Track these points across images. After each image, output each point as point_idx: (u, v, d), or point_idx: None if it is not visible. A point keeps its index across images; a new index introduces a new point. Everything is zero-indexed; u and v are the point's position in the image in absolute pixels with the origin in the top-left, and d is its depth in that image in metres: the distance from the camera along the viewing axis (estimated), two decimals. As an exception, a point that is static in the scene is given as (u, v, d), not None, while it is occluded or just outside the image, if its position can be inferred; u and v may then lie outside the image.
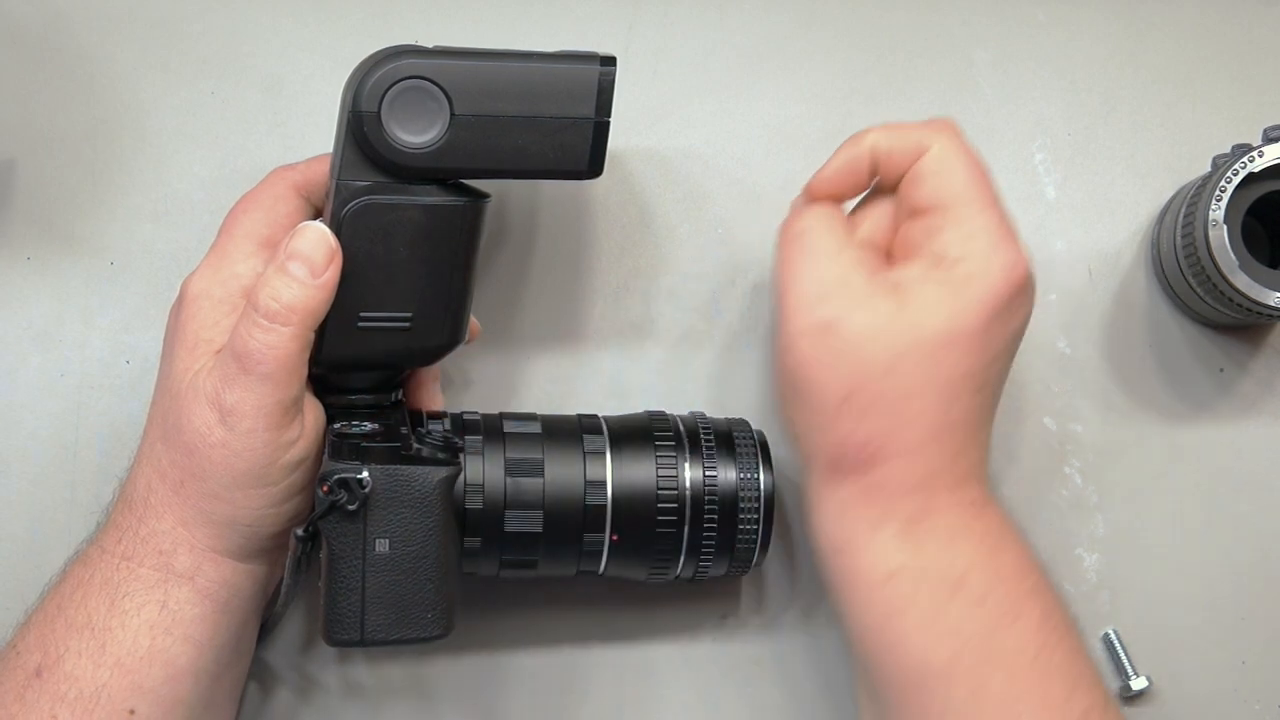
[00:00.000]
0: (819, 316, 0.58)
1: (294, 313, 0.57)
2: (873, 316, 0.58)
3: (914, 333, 0.57)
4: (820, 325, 0.58)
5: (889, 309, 0.58)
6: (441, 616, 0.59)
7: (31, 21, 0.71)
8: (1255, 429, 0.72)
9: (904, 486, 0.58)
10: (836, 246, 0.60)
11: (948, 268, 0.58)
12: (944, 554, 0.58)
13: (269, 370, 0.57)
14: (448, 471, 0.59)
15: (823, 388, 0.58)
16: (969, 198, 0.59)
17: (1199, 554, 0.71)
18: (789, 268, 0.60)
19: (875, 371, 0.57)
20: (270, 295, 0.57)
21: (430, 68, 0.57)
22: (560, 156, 0.59)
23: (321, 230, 0.59)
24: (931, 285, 0.58)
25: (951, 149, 0.60)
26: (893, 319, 0.58)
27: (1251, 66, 0.73)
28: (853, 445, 0.58)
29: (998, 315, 0.58)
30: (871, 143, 0.61)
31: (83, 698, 0.57)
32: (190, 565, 0.59)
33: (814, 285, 0.59)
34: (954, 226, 0.59)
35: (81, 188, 0.71)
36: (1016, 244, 0.59)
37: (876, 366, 0.57)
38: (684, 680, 0.70)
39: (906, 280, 0.59)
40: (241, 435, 0.57)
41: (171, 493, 0.59)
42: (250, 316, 0.57)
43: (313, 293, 0.58)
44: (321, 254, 0.58)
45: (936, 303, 0.58)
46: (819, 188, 0.63)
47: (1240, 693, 0.70)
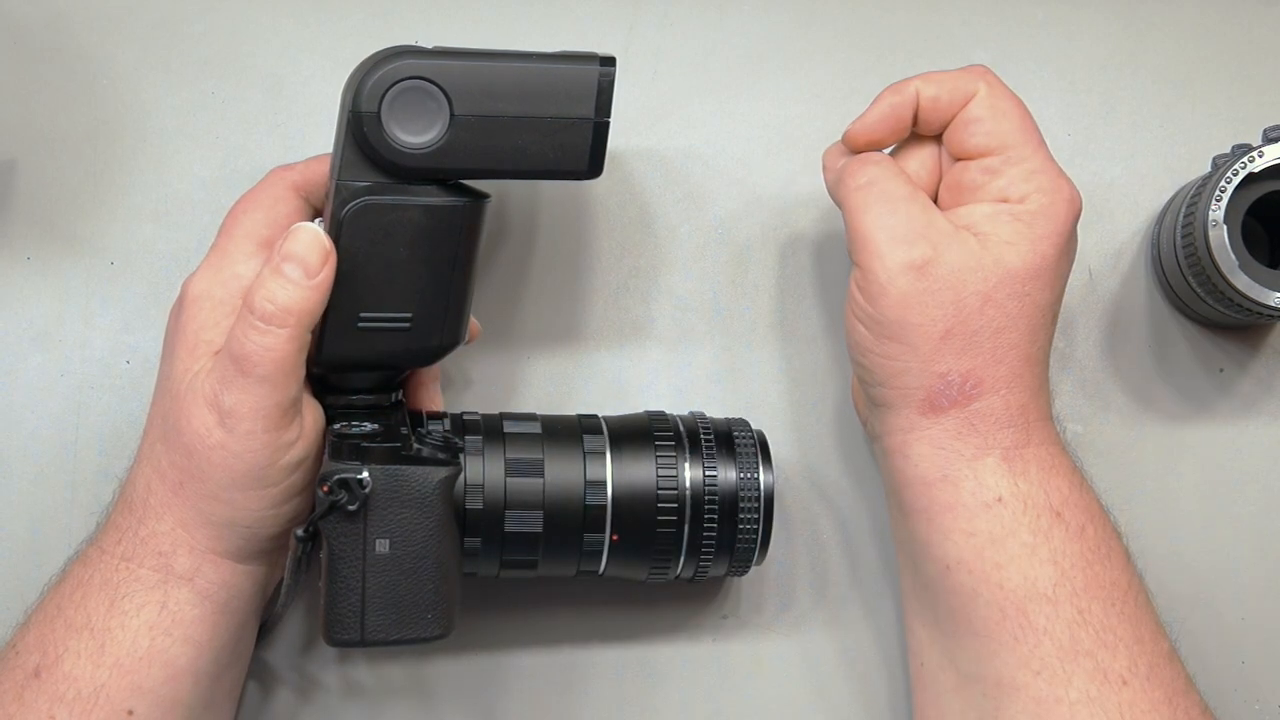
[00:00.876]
0: (915, 256, 0.59)
1: (289, 314, 0.57)
2: (964, 254, 0.59)
3: (1001, 268, 0.59)
4: (917, 264, 0.59)
5: (976, 245, 0.59)
6: (442, 617, 0.59)
7: (32, 21, 0.71)
8: (1255, 429, 0.72)
9: (1002, 418, 0.60)
10: (910, 191, 0.62)
11: (1017, 205, 0.60)
12: (1043, 484, 0.60)
13: (266, 372, 0.57)
14: (448, 472, 0.59)
15: (922, 326, 0.59)
16: (1023, 138, 0.61)
17: (1199, 554, 0.71)
18: (868, 214, 0.61)
19: (971, 307, 0.59)
20: (265, 297, 0.57)
21: (430, 68, 0.57)
22: (560, 157, 0.59)
23: (315, 231, 0.59)
24: (1005, 223, 0.60)
25: (998, 92, 0.62)
26: (980, 256, 0.59)
27: (1251, 66, 0.73)
28: (955, 379, 0.59)
29: (1066, 247, 0.61)
30: (916, 89, 0.63)
31: (81, 698, 0.57)
32: (190, 566, 0.59)
33: (903, 226, 0.60)
34: (1014, 165, 0.61)
35: (82, 188, 0.71)
36: (1066, 177, 0.62)
37: (972, 302, 0.59)
38: (684, 680, 0.70)
39: (979, 219, 0.60)
40: (240, 437, 0.57)
41: (171, 494, 0.59)
42: (246, 319, 0.57)
43: (307, 294, 0.58)
44: (315, 255, 0.58)
45: (1015, 239, 0.60)
46: (860, 134, 0.64)
47: (1240, 693, 0.70)
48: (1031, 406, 0.61)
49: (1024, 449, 0.60)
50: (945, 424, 0.60)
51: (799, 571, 0.70)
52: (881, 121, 0.63)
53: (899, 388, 0.61)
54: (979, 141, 0.62)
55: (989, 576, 0.59)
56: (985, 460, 0.60)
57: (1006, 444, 0.60)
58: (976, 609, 0.60)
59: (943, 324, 0.59)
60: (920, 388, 0.60)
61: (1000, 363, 0.60)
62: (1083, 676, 0.58)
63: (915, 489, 0.61)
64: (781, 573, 0.70)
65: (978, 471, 0.60)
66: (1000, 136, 0.61)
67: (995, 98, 0.62)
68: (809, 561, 0.71)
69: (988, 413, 0.60)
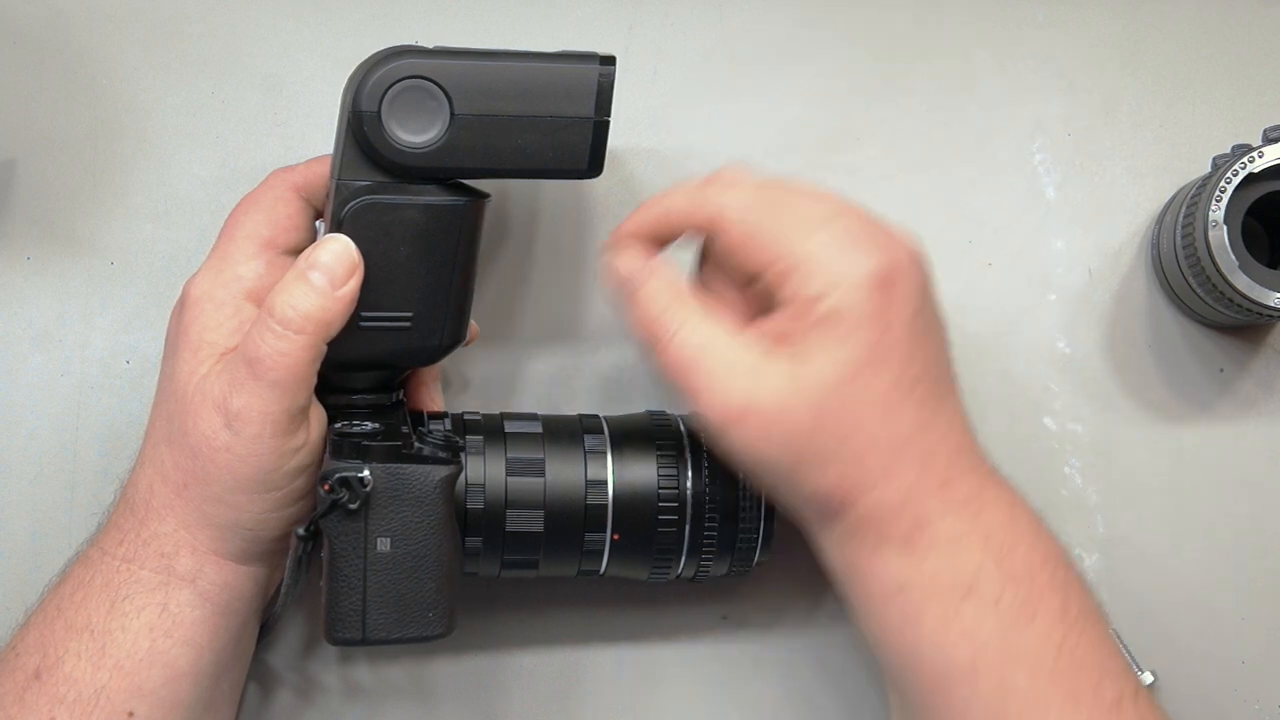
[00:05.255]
0: (731, 409, 0.57)
1: (310, 321, 0.57)
2: (777, 386, 0.56)
3: (820, 382, 0.56)
4: (736, 416, 0.57)
5: (787, 371, 0.57)
6: (443, 615, 0.59)
7: (32, 21, 0.71)
8: (1255, 429, 0.72)
9: (889, 510, 0.57)
10: (707, 334, 0.58)
11: (811, 309, 0.57)
12: (949, 561, 0.57)
13: (278, 377, 0.57)
14: (449, 470, 0.59)
15: (770, 463, 0.58)
16: (787, 238, 0.58)
17: (1199, 554, 0.71)
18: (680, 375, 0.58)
19: (805, 430, 0.56)
20: (288, 302, 0.57)
21: (430, 67, 0.57)
22: (560, 156, 0.59)
23: (346, 243, 0.59)
24: (808, 332, 0.57)
25: (738, 206, 0.59)
26: (795, 378, 0.56)
27: (1251, 66, 0.73)
28: (824, 497, 0.58)
29: (883, 319, 0.57)
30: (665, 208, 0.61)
31: (82, 700, 0.57)
32: (192, 568, 0.59)
33: (712, 382, 0.57)
34: (791, 270, 0.57)
35: (82, 188, 0.71)
36: (860, 240, 0.58)
37: (804, 425, 0.56)
38: (685, 680, 0.70)
39: (784, 334, 0.57)
40: (247, 441, 0.57)
41: (174, 495, 0.59)
42: (265, 322, 0.57)
43: (331, 304, 0.58)
44: (343, 266, 0.58)
45: (822, 347, 0.56)
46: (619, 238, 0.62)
47: (1240, 693, 0.70)
48: (919, 485, 0.57)
49: (922, 531, 0.57)
50: (839, 529, 0.58)
51: (800, 572, 0.70)
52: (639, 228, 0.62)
53: (785, 507, 0.61)
54: (749, 261, 0.59)
55: (907, 658, 0.58)
56: (884, 552, 0.57)
57: (902, 532, 0.57)
58: (905, 685, 0.59)
59: (788, 456, 0.57)
60: (803, 507, 0.59)
61: (863, 461, 0.57)
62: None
63: (837, 580, 0.61)
64: (782, 573, 0.70)
65: (878, 564, 0.58)
66: (763, 250, 0.58)
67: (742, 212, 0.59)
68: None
69: (871, 511, 0.57)
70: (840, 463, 0.57)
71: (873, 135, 0.73)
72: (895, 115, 0.73)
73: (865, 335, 0.56)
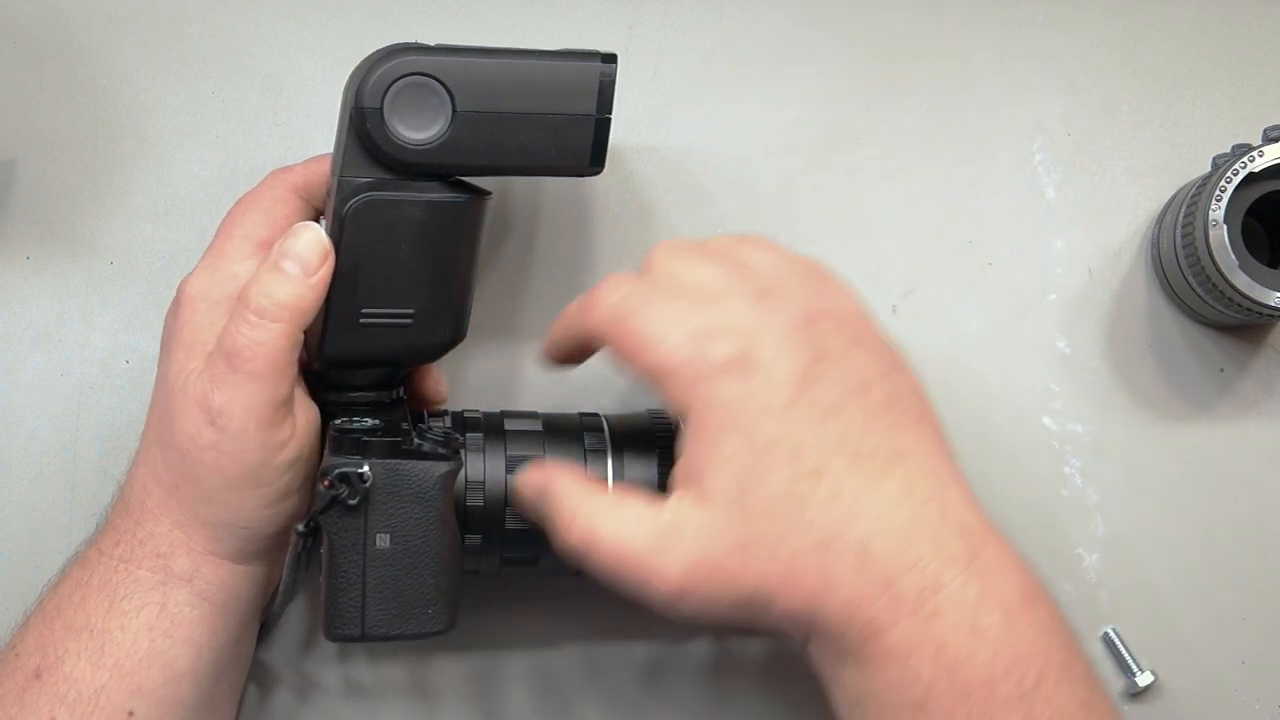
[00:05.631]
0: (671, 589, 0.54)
1: (285, 310, 0.57)
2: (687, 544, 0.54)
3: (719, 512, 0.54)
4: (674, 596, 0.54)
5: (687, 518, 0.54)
6: (443, 612, 0.59)
7: (32, 21, 0.71)
8: (1255, 429, 0.72)
9: (837, 625, 0.53)
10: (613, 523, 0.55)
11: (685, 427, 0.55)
12: (900, 676, 0.53)
13: (257, 368, 0.57)
14: (448, 466, 0.59)
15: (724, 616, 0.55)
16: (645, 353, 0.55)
17: (1199, 554, 0.71)
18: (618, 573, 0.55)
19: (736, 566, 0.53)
20: (261, 292, 0.57)
21: (433, 64, 0.58)
22: (562, 153, 0.59)
23: (315, 230, 0.59)
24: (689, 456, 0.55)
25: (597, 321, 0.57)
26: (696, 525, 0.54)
27: (1251, 66, 0.73)
28: (781, 627, 0.55)
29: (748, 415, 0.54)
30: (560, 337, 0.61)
31: (82, 699, 0.57)
32: (188, 568, 0.59)
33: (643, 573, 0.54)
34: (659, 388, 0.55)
35: (81, 188, 0.71)
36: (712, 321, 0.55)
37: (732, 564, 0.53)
38: (684, 679, 0.70)
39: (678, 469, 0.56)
40: (231, 436, 0.57)
41: (166, 495, 0.59)
42: (240, 314, 0.57)
43: (304, 291, 0.58)
44: (315, 253, 0.58)
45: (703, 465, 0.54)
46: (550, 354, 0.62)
47: (1240, 693, 0.70)
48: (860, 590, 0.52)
49: (874, 642, 0.53)
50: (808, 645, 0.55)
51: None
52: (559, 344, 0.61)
53: None
54: None
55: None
56: (843, 663, 0.54)
57: (854, 644, 0.53)
58: None
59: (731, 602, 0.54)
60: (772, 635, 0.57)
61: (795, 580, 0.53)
62: None
63: None
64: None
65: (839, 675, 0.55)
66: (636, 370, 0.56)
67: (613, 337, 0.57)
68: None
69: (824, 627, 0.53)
70: (778, 588, 0.53)
71: (873, 135, 0.73)
72: (895, 115, 0.73)
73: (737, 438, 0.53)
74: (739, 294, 0.56)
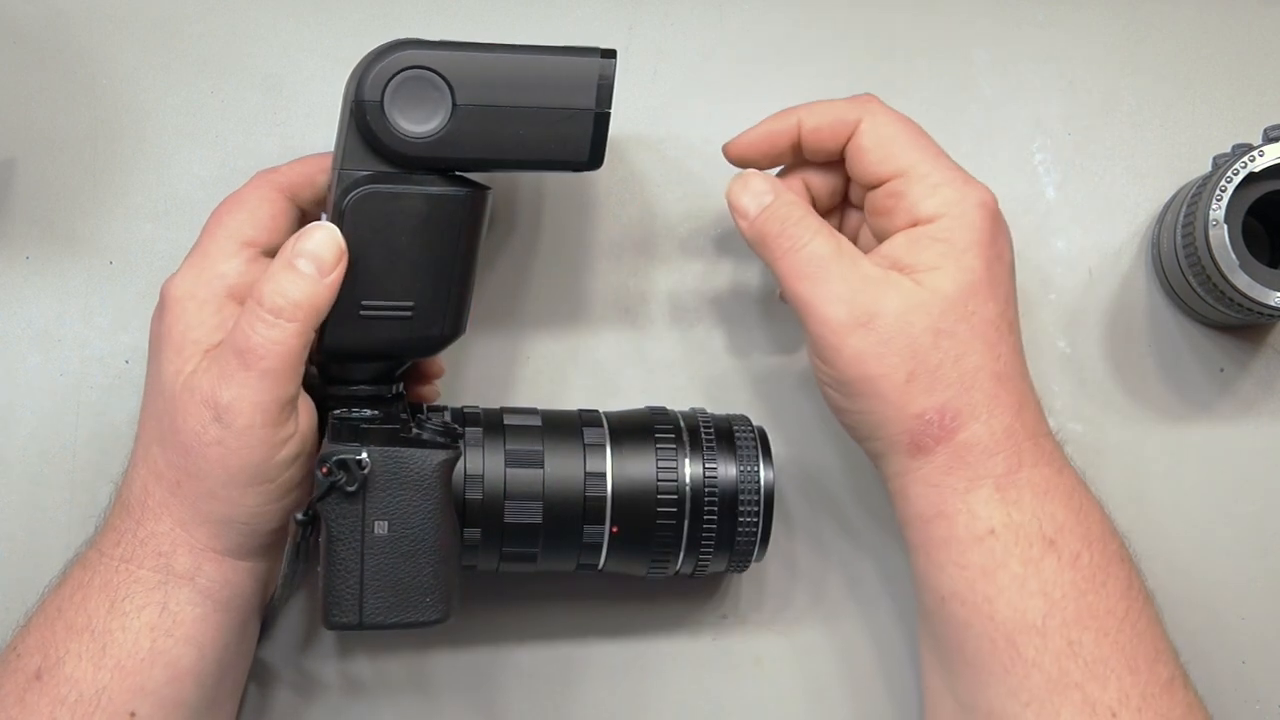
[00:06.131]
0: (856, 313, 0.60)
1: (300, 309, 0.57)
2: (902, 297, 0.60)
3: (939, 297, 0.59)
4: (860, 320, 0.59)
5: (909, 284, 0.60)
6: (440, 601, 0.59)
7: (31, 21, 0.71)
8: (1255, 429, 0.72)
9: (989, 446, 0.59)
10: (835, 245, 0.61)
11: (930, 226, 0.61)
12: (1037, 512, 0.59)
13: (270, 366, 0.57)
14: (447, 455, 0.59)
15: (885, 377, 0.59)
16: (917, 156, 0.62)
17: (1199, 554, 0.71)
18: (802, 282, 0.61)
19: (925, 345, 0.59)
20: (277, 291, 0.57)
21: (433, 58, 0.58)
22: (561, 147, 0.59)
23: (331, 230, 0.59)
24: (926, 247, 0.61)
25: (881, 119, 0.63)
26: (916, 292, 0.60)
27: (1251, 66, 0.73)
28: (931, 418, 0.59)
29: (993, 250, 0.61)
30: (799, 119, 0.64)
31: (83, 700, 0.57)
32: (190, 566, 0.59)
33: (838, 287, 0.60)
34: (915, 185, 0.62)
35: (81, 188, 0.71)
36: (973, 179, 0.62)
37: (924, 340, 0.59)
38: (683, 677, 0.70)
39: (901, 252, 0.61)
40: (238, 432, 0.57)
41: (168, 494, 0.59)
42: (255, 312, 0.57)
43: (319, 290, 0.58)
44: (330, 252, 0.58)
45: (940, 262, 0.60)
46: (736, 150, 0.65)
47: (1240, 693, 0.70)
48: (1017, 427, 0.60)
49: (1016, 474, 0.60)
50: (935, 461, 0.60)
51: (799, 569, 0.70)
52: (761, 140, 0.65)
53: (882, 438, 0.61)
54: (874, 170, 0.63)
55: (980, 609, 0.59)
56: (978, 491, 0.59)
57: (998, 472, 0.60)
58: (969, 640, 0.59)
59: (903, 370, 0.59)
60: (902, 433, 0.60)
61: (971, 389, 0.60)
62: (1070, 709, 0.57)
63: (914, 526, 0.62)
64: (781, 570, 0.70)
65: (970, 504, 0.59)
66: (892, 161, 0.62)
67: (878, 125, 0.63)
68: (809, 559, 0.70)
69: (973, 443, 0.59)
70: (950, 384, 0.59)
71: (872, 135, 0.73)
72: (895, 115, 0.73)
73: (980, 259, 0.60)
74: None
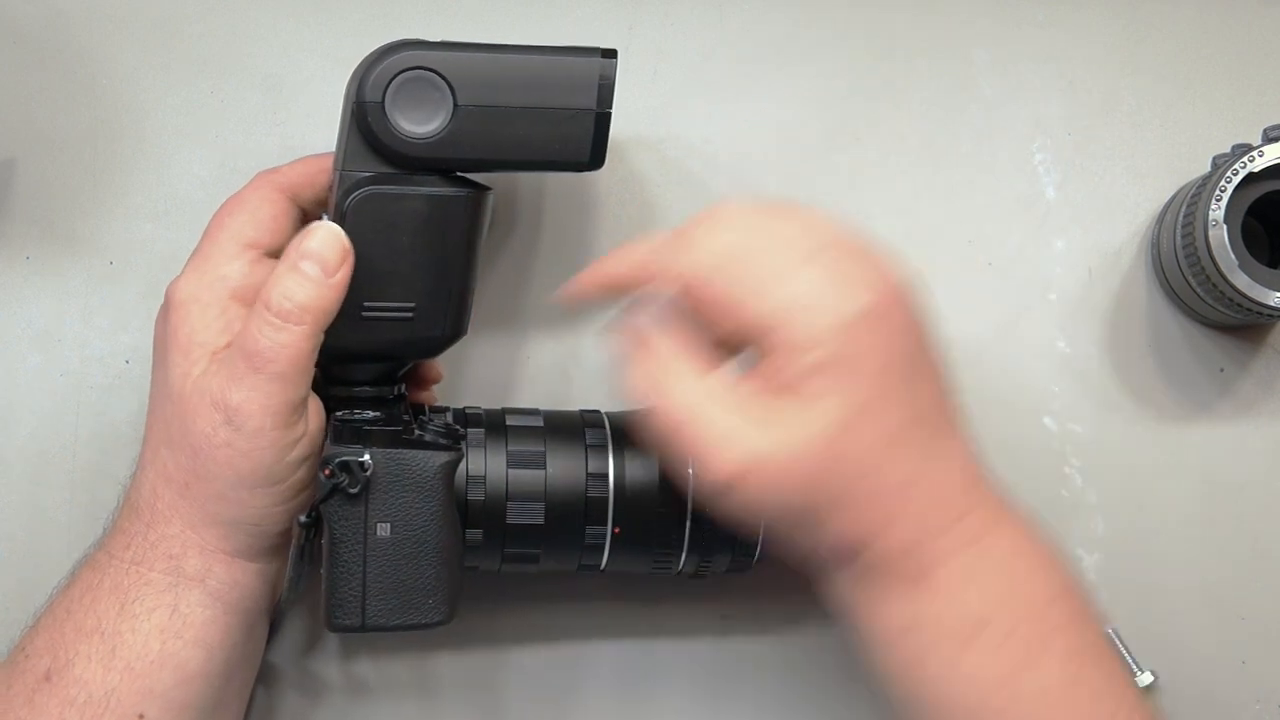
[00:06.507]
0: (732, 470, 0.55)
1: (307, 312, 0.57)
2: (783, 437, 0.54)
3: (826, 428, 0.54)
4: (739, 476, 0.55)
5: (791, 421, 0.54)
6: (443, 603, 0.59)
7: (31, 21, 0.71)
8: (1255, 429, 0.72)
9: (900, 553, 0.56)
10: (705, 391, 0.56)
11: (803, 357, 0.54)
12: (957, 600, 0.56)
13: (280, 369, 0.57)
14: (449, 456, 0.59)
15: (781, 515, 0.57)
16: (763, 293, 0.55)
17: (1199, 554, 0.71)
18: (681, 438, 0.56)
19: (815, 477, 0.55)
20: (283, 294, 0.57)
21: (434, 59, 0.58)
22: (562, 147, 0.59)
23: (334, 230, 0.59)
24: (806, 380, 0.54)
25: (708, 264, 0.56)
26: (800, 427, 0.54)
27: (1251, 66, 0.73)
28: (837, 543, 0.57)
29: (881, 358, 0.55)
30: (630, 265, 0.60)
31: (92, 702, 0.57)
32: (201, 568, 0.59)
33: (715, 441, 0.55)
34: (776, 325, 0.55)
35: (81, 188, 0.71)
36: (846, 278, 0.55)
37: (814, 473, 0.55)
38: (685, 678, 0.70)
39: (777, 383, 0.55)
40: (248, 435, 0.57)
41: (178, 496, 0.59)
42: (262, 315, 0.57)
43: (325, 291, 0.58)
44: (335, 253, 0.58)
45: (823, 393, 0.54)
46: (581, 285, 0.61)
47: (1240, 692, 0.70)
48: (930, 523, 0.56)
49: (932, 571, 0.56)
50: (851, 572, 0.57)
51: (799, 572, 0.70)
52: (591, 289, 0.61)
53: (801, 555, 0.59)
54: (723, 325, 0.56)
55: (919, 695, 0.57)
56: (893, 592, 0.57)
57: (911, 573, 0.56)
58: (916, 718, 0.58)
59: (794, 511, 0.56)
60: (813, 554, 0.58)
61: (872, 506, 0.55)
62: None
63: (847, 615, 0.59)
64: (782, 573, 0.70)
65: (889, 604, 0.57)
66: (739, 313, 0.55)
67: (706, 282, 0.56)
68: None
69: (882, 555, 0.56)
70: (851, 508, 0.55)
71: (873, 135, 0.73)
72: (895, 115, 0.73)
73: (865, 377, 0.54)
74: None
